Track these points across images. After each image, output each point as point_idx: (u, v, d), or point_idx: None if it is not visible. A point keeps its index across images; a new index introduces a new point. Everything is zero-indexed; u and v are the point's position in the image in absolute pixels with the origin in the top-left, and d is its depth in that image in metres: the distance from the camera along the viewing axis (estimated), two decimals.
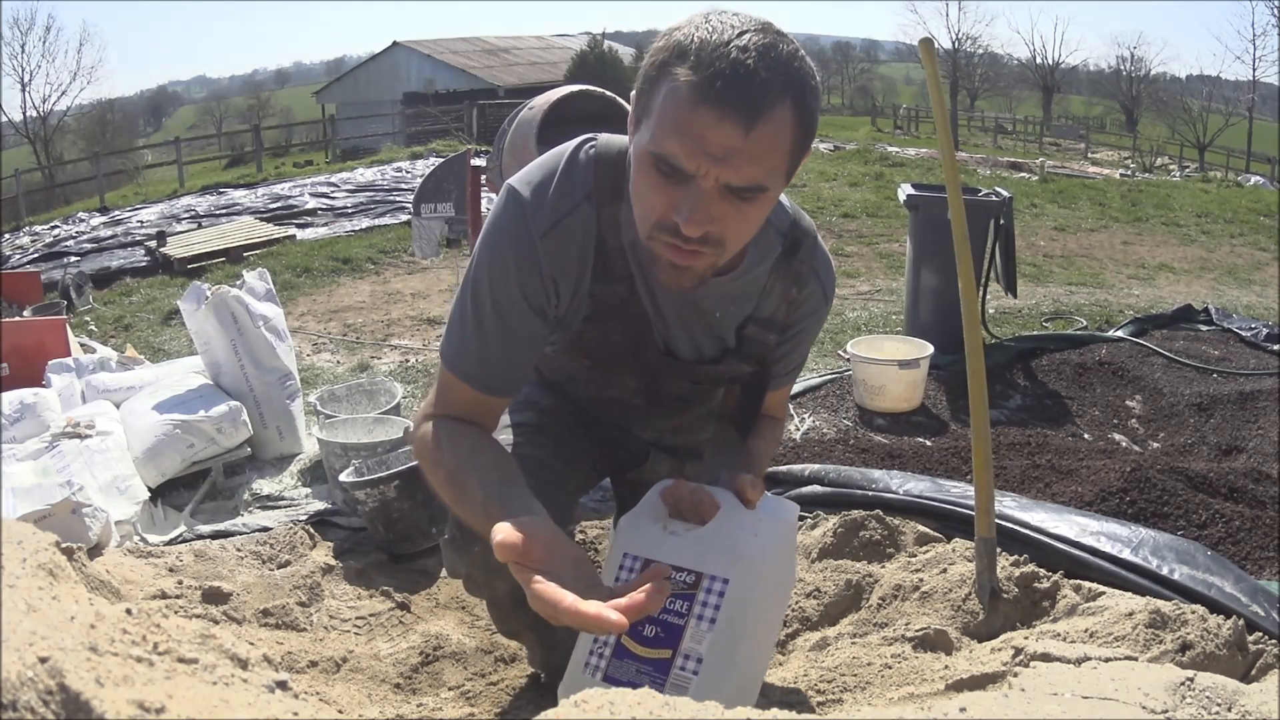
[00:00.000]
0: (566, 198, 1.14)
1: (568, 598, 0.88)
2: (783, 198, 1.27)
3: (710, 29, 0.95)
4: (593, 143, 1.18)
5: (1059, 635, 1.47)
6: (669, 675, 1.04)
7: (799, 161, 1.06)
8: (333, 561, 2.18)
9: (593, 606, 0.88)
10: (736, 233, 1.04)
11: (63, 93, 29.89)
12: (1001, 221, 3.75)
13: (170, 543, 2.30)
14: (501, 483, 1.06)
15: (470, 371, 1.16)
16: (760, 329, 1.28)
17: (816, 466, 2.41)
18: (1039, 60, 39.83)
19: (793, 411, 3.23)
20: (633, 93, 1.08)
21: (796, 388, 3.40)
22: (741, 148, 0.95)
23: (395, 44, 32.20)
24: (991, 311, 4.41)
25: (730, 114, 0.93)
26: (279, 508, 2.54)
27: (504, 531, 0.91)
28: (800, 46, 1.00)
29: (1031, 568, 1.69)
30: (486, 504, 1.03)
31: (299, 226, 8.06)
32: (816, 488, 2.26)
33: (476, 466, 1.10)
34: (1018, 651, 1.30)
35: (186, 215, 9.09)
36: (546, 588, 0.89)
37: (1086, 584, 1.65)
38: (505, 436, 1.38)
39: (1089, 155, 25.43)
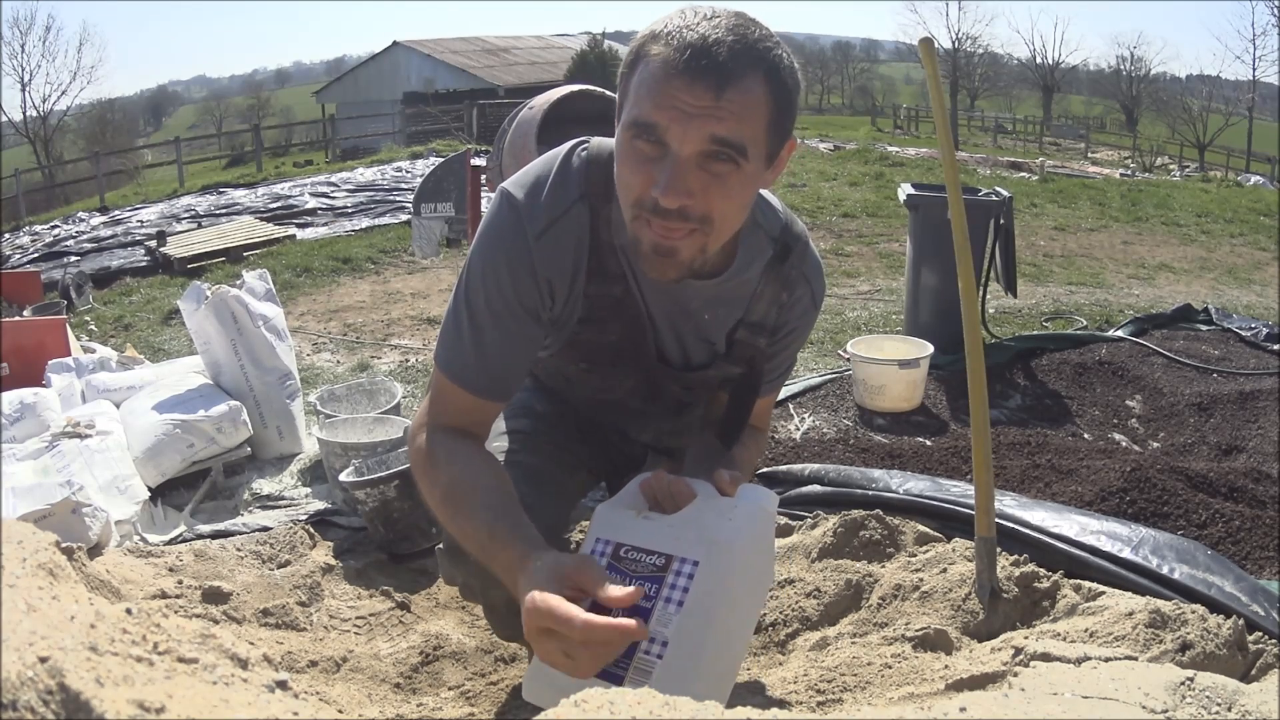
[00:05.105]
0: (560, 199, 1.15)
1: (578, 615, 0.91)
2: (776, 202, 1.27)
3: (683, 17, 1.00)
4: (585, 145, 1.19)
5: (1059, 635, 1.47)
6: (633, 659, 0.99)
7: (780, 144, 1.07)
8: (333, 561, 2.18)
9: (603, 620, 0.92)
10: (721, 209, 1.04)
11: (63, 92, 29.95)
12: (1001, 221, 3.75)
13: (170, 542, 2.30)
14: (498, 508, 1.08)
15: (466, 375, 1.16)
16: (750, 333, 1.28)
17: (816, 466, 2.41)
18: (1039, 60, 39.86)
19: (793, 411, 3.23)
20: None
21: (796, 387, 3.40)
22: (714, 107, 0.98)
23: (395, 44, 32.20)
24: (991, 311, 4.41)
25: (700, 79, 0.97)
26: (279, 507, 2.54)
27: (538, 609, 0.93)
28: (776, 35, 1.03)
29: (1031, 567, 1.68)
30: (478, 531, 1.07)
31: (299, 226, 8.07)
32: (816, 487, 2.26)
33: (474, 489, 1.11)
34: (1018, 651, 1.30)
35: (186, 215, 9.09)
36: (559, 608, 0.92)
37: (1086, 584, 1.65)
38: (500, 444, 1.38)
39: (1089, 155, 25.42)
